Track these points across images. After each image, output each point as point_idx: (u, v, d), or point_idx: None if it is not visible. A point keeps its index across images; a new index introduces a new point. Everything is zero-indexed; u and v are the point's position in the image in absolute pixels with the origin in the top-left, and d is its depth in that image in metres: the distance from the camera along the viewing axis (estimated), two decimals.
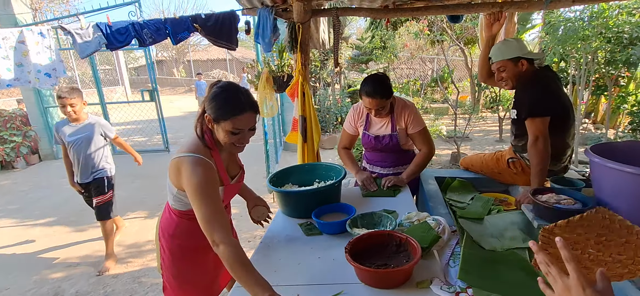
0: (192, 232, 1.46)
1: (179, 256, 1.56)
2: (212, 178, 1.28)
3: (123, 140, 3.12)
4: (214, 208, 1.22)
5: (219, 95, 1.30)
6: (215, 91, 1.31)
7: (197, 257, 1.58)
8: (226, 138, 1.32)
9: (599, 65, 4.91)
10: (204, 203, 1.22)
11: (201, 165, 1.27)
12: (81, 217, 4.14)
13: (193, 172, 1.25)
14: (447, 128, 6.70)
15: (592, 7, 4.45)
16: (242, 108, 1.29)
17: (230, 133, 1.30)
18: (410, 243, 1.30)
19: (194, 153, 1.30)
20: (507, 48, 1.97)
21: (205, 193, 1.23)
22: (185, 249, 1.55)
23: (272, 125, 4.99)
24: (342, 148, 2.34)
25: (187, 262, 1.57)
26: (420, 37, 7.86)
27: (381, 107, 2.00)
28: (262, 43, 2.43)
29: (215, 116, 1.30)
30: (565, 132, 1.94)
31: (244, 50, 20.28)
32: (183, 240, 1.53)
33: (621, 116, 6.43)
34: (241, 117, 1.29)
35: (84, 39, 2.56)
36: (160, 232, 1.59)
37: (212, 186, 1.26)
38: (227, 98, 1.30)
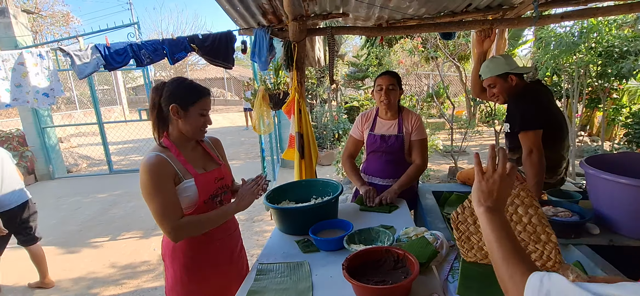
0: (194, 247, 1.47)
1: (184, 278, 1.49)
2: (158, 172, 1.30)
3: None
4: (163, 201, 1.28)
5: (180, 85, 1.37)
6: (174, 85, 1.37)
7: (203, 276, 1.52)
8: (197, 122, 1.38)
9: (591, 79, 4.98)
10: (150, 200, 1.29)
11: (148, 162, 1.30)
12: (76, 238, 4.09)
13: (141, 173, 1.29)
14: (443, 143, 6.72)
15: (582, 23, 4.55)
16: (205, 91, 1.40)
17: (200, 115, 1.38)
18: (408, 259, 1.28)
19: (149, 152, 1.34)
20: (495, 65, 2.01)
21: (151, 190, 1.28)
22: (190, 269, 1.48)
23: (269, 142, 5.00)
24: (347, 157, 2.34)
25: (193, 284, 1.50)
26: (415, 54, 7.97)
27: (392, 85, 2.13)
28: (258, 62, 2.46)
29: (184, 103, 1.35)
30: (559, 145, 1.95)
31: (242, 69, 20.45)
32: (186, 259, 1.47)
33: (616, 128, 6.49)
34: (206, 99, 1.40)
35: (82, 60, 2.58)
36: (162, 252, 1.56)
37: (159, 182, 1.29)
38: (189, 86, 1.38)
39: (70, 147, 9.49)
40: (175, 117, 1.36)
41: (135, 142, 8.89)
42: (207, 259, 1.51)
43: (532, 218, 0.94)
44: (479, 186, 0.83)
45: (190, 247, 1.47)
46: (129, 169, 7.34)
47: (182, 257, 1.47)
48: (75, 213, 4.96)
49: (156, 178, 1.29)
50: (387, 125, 2.22)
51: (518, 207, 0.97)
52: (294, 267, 1.46)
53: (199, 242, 1.46)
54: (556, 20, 2.62)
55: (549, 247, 0.90)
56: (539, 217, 0.94)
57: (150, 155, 1.32)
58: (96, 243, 3.90)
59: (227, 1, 2.17)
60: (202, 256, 1.50)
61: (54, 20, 15.01)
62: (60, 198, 5.68)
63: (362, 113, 2.35)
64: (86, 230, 4.31)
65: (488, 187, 0.81)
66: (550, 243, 0.90)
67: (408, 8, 2.36)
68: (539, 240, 0.91)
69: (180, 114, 1.36)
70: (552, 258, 0.88)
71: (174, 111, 1.35)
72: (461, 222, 1.00)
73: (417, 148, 2.18)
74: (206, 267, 1.52)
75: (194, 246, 1.47)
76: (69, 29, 14.89)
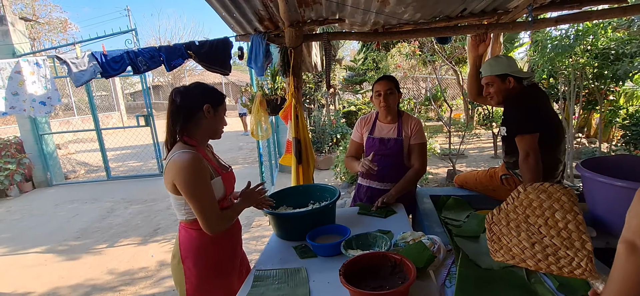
0: (214, 239, 1.50)
1: (209, 273, 1.53)
2: (201, 168, 1.36)
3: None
4: (208, 195, 1.37)
5: (208, 88, 1.49)
6: (202, 87, 1.48)
7: (224, 270, 1.59)
8: (222, 122, 1.51)
9: (588, 81, 5.01)
10: (197, 197, 1.34)
11: (189, 159, 1.34)
12: (75, 245, 4.07)
13: (183, 170, 1.33)
14: (441, 147, 6.74)
15: (577, 25, 4.58)
16: (224, 96, 1.54)
17: (223, 115, 1.51)
18: (406, 264, 1.28)
19: (180, 150, 1.39)
20: (497, 64, 2.02)
21: (197, 185, 1.34)
22: (213, 261, 1.54)
23: (267, 147, 5.00)
24: (348, 156, 2.36)
25: (218, 279, 1.56)
26: (412, 58, 8.00)
27: (390, 89, 2.13)
28: (254, 67, 2.47)
29: (216, 103, 1.47)
30: (556, 148, 1.96)
31: (240, 74, 20.52)
32: (208, 251, 1.52)
33: (614, 130, 6.51)
34: (225, 103, 1.54)
35: (79, 68, 2.59)
36: (182, 255, 1.52)
37: (202, 177, 1.36)
38: (215, 89, 1.50)
39: (68, 154, 9.46)
40: (207, 116, 1.45)
41: (133, 148, 8.88)
42: (225, 255, 1.59)
43: (569, 224, 0.90)
44: (634, 206, 0.59)
45: (213, 244, 1.52)
46: (126, 175, 7.33)
47: (205, 255, 1.52)
48: (73, 219, 4.94)
49: (199, 174, 1.35)
50: (387, 128, 2.22)
51: (556, 211, 0.93)
52: (291, 273, 1.45)
53: (219, 239, 1.53)
54: (551, 24, 2.64)
55: (581, 255, 0.86)
56: (577, 223, 0.90)
57: (187, 153, 1.36)
58: (94, 250, 3.88)
59: (224, 8, 2.18)
60: (222, 252, 1.57)
61: (51, 27, 15.04)
62: (58, 205, 5.66)
63: (362, 116, 2.36)
64: (84, 236, 4.29)
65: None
66: (583, 250, 0.87)
67: (404, 13, 2.37)
68: (571, 247, 0.87)
69: (211, 113, 1.45)
70: (583, 266, 0.85)
71: (207, 110, 1.44)
72: (495, 223, 1.00)
73: (417, 152, 2.18)
74: (226, 262, 1.59)
75: (216, 242, 1.53)
76: (66, 35, 14.92)
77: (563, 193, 0.94)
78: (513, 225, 0.97)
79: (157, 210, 5.05)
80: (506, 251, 0.94)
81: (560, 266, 0.88)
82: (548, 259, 0.90)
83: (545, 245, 0.92)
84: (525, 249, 0.92)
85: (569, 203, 0.93)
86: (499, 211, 1.00)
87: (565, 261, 0.88)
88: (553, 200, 0.94)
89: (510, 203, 1.01)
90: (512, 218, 0.98)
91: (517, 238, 0.95)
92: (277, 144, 6.56)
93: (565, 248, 0.89)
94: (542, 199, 0.96)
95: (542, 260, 0.90)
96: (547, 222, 0.93)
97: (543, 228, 0.94)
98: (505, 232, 0.96)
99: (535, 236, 0.94)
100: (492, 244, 0.97)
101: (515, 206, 0.99)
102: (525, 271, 1.42)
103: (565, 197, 0.93)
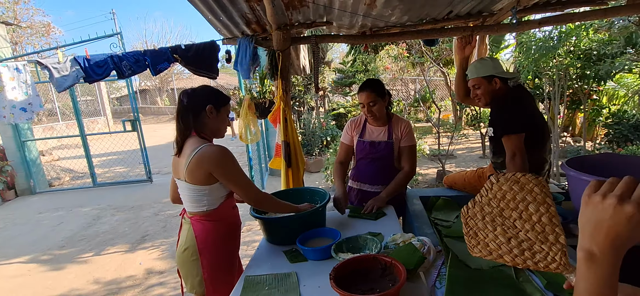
0: (227, 232, 1.67)
1: (223, 262, 1.66)
2: (232, 154, 1.55)
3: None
4: (244, 174, 1.57)
5: (213, 90, 1.61)
6: (208, 89, 1.60)
7: (235, 259, 1.76)
8: (225, 122, 1.64)
9: (572, 81, 5.12)
10: (238, 174, 1.54)
11: (223, 149, 1.52)
12: (59, 254, 3.96)
13: (221, 156, 1.51)
14: (430, 148, 6.80)
15: (560, 27, 4.68)
16: (228, 98, 1.67)
17: (227, 116, 1.63)
18: (396, 266, 1.28)
19: (205, 143, 1.54)
20: (483, 66, 2.05)
21: (235, 165, 1.54)
22: (227, 251, 1.69)
23: (257, 151, 4.97)
24: (338, 162, 2.33)
25: (230, 268, 1.70)
26: (400, 60, 8.06)
27: (372, 101, 2.09)
28: (240, 70, 2.46)
29: (219, 104, 1.59)
30: (541, 147, 1.99)
31: (229, 77, 20.37)
32: (223, 242, 1.66)
33: (597, 128, 6.67)
34: (229, 104, 1.66)
35: (61, 73, 2.52)
36: (199, 247, 1.61)
37: (235, 159, 1.56)
38: (218, 90, 1.63)
39: (52, 161, 9.25)
40: (210, 116, 1.57)
41: (120, 154, 8.72)
42: (234, 248, 1.75)
43: (542, 217, 0.89)
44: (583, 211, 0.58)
45: (227, 237, 1.67)
46: (113, 181, 7.19)
47: (221, 246, 1.65)
48: (57, 228, 4.82)
49: (234, 159, 1.55)
50: (377, 131, 2.22)
51: (529, 203, 0.91)
52: (281, 278, 1.44)
53: (232, 231, 1.72)
54: (534, 26, 2.69)
55: (556, 249, 0.85)
56: (550, 216, 0.88)
57: (216, 145, 1.54)
58: (80, 259, 3.79)
59: (210, 11, 2.16)
60: (233, 245, 1.74)
61: (34, 31, 14.70)
62: (42, 214, 5.51)
63: (352, 119, 2.34)
64: (69, 245, 4.19)
65: (596, 215, 0.54)
66: (557, 244, 0.86)
67: (391, 16, 2.38)
68: (546, 241, 0.86)
69: (213, 114, 1.58)
70: (557, 261, 0.84)
71: (210, 110, 1.57)
72: (470, 216, 0.97)
73: (406, 154, 2.18)
74: (233, 257, 1.74)
75: (229, 235, 1.69)
76: (49, 39, 14.61)
77: (535, 183, 0.91)
78: (488, 219, 0.95)
79: (145, 217, 4.96)
80: (483, 246, 0.93)
81: (536, 261, 0.88)
82: (524, 254, 0.89)
83: (521, 239, 0.90)
84: (501, 244, 0.91)
85: (541, 195, 0.90)
86: (474, 204, 0.98)
87: (540, 255, 0.87)
88: (526, 191, 0.92)
89: (484, 196, 0.98)
90: (487, 212, 0.96)
91: (493, 232, 0.93)
92: (267, 147, 6.53)
93: (539, 242, 0.88)
94: (515, 191, 0.93)
95: (518, 255, 0.89)
96: (521, 215, 0.91)
97: (518, 222, 0.92)
98: (481, 227, 0.95)
99: (510, 231, 0.92)
100: (469, 239, 0.95)
101: (490, 199, 0.97)
102: (514, 271, 1.43)
103: (537, 188, 0.91)
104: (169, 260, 3.60)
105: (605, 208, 0.53)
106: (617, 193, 0.53)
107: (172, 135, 1.65)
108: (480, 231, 0.95)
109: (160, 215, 4.98)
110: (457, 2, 2.28)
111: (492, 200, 0.96)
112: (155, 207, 5.35)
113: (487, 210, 0.97)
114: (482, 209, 0.96)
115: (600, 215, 0.54)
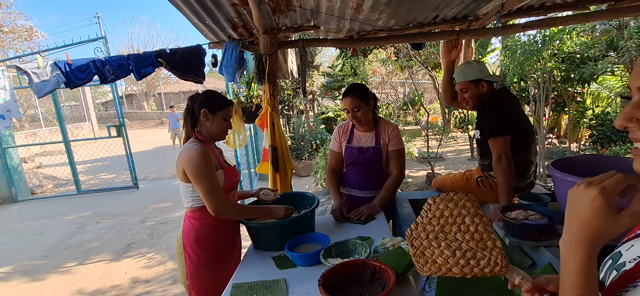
0: (213, 230, 1.72)
1: (206, 259, 1.72)
2: (207, 157, 1.59)
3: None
4: (212, 180, 1.58)
5: (210, 95, 1.72)
6: (206, 95, 1.71)
7: (222, 257, 1.78)
8: (221, 124, 1.71)
9: (556, 84, 5.23)
10: (203, 179, 1.56)
11: (196, 147, 1.59)
12: (42, 264, 3.84)
13: (193, 157, 1.57)
14: (419, 151, 6.85)
15: (544, 31, 4.78)
16: (228, 102, 1.75)
17: (224, 119, 1.71)
18: (385, 271, 1.27)
19: (190, 143, 1.65)
20: (469, 70, 2.06)
21: (203, 170, 1.56)
22: (211, 249, 1.73)
23: (246, 156, 4.92)
24: (330, 170, 2.31)
25: (214, 265, 1.74)
26: (388, 64, 8.12)
27: (356, 107, 2.07)
28: (225, 74, 2.43)
29: (213, 108, 1.68)
30: (527, 149, 2.01)
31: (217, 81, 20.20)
32: (206, 240, 1.71)
33: (582, 130, 6.82)
34: (229, 108, 1.74)
35: (41, 78, 2.45)
36: (183, 242, 1.74)
37: (208, 164, 1.59)
38: (218, 96, 1.74)
39: (35, 168, 9.01)
40: (204, 119, 1.68)
41: (105, 160, 8.55)
42: (223, 244, 1.78)
43: (478, 227, 0.98)
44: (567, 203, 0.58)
45: (211, 234, 1.72)
46: (98, 188, 7.04)
47: (203, 244, 1.71)
48: (39, 237, 4.68)
49: (206, 161, 1.58)
50: (365, 137, 2.20)
51: (465, 216, 1.00)
52: (269, 285, 1.41)
53: (215, 224, 1.72)
54: (518, 29, 2.73)
55: (495, 253, 0.93)
56: (484, 225, 0.97)
57: (196, 144, 1.62)
58: (63, 269, 3.68)
59: (196, 15, 2.13)
60: (219, 242, 1.76)
61: (16, 36, 14.33)
62: (24, 222, 5.35)
63: (339, 125, 2.32)
64: (52, 255, 4.06)
65: (569, 202, 0.56)
66: (495, 249, 0.94)
67: (378, 20, 2.39)
68: (485, 247, 0.95)
69: (208, 117, 1.68)
70: (499, 263, 0.92)
71: (204, 114, 1.68)
72: (415, 237, 1.03)
73: (395, 159, 2.17)
74: (223, 251, 1.78)
75: (213, 233, 1.72)
76: (32, 44, 14.24)
77: (466, 200, 1.01)
78: (432, 236, 1.02)
79: (131, 224, 4.85)
80: (432, 263, 0.98)
81: (481, 267, 0.93)
82: (470, 263, 0.94)
83: (464, 250, 0.96)
84: (448, 258, 0.97)
85: (473, 208, 1.00)
86: (417, 226, 1.05)
87: (484, 261, 0.94)
88: (460, 207, 1.01)
89: (424, 216, 1.05)
90: (429, 230, 1.03)
91: (439, 248, 0.99)
92: (256, 152, 6.48)
93: (481, 249, 0.95)
94: (451, 208, 1.02)
95: (465, 266, 0.94)
96: (460, 228, 0.99)
97: (459, 235, 0.99)
98: (426, 245, 1.01)
99: (454, 244, 0.98)
100: (417, 259, 1.01)
101: (430, 218, 1.04)
102: None
103: (469, 203, 1.01)
104: (156, 268, 3.52)
105: (577, 193, 0.55)
106: (590, 179, 0.54)
107: (158, 140, 1.65)
108: (426, 250, 1.01)
109: (147, 222, 4.88)
110: (443, 7, 2.30)
111: (433, 219, 1.04)
112: (142, 213, 5.25)
113: (429, 229, 1.03)
114: (425, 228, 1.03)
115: (572, 201, 0.56)
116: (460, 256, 0.96)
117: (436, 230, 1.02)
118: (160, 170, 8.36)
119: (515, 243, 1.47)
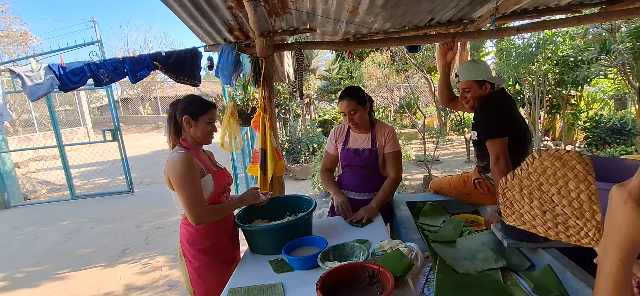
0: (209, 232, 1.69)
1: (207, 261, 1.70)
2: (190, 165, 1.55)
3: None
4: (195, 189, 1.54)
5: (191, 100, 1.67)
6: (186, 101, 1.67)
7: (222, 257, 1.76)
8: (205, 128, 1.67)
9: (551, 87, 5.27)
10: (184, 188, 1.53)
11: (180, 156, 1.55)
12: (34, 271, 3.79)
13: (175, 165, 1.54)
14: (415, 154, 6.86)
15: (539, 34, 4.82)
16: (210, 105, 1.70)
17: (207, 123, 1.67)
18: (384, 274, 1.26)
19: (174, 151, 1.62)
20: (475, 69, 2.03)
21: (184, 179, 1.52)
22: (209, 251, 1.70)
23: (242, 159, 4.89)
24: (324, 170, 2.32)
25: (216, 266, 1.73)
26: (385, 67, 8.14)
27: (353, 109, 2.07)
28: (221, 76, 2.42)
29: (195, 113, 1.64)
30: (523, 151, 2.01)
31: (213, 85, 20.16)
32: (203, 243, 1.69)
33: (576, 132, 6.87)
34: (212, 111, 1.69)
35: (34, 81, 2.43)
36: (182, 248, 1.74)
37: (190, 173, 1.54)
38: (200, 100, 1.70)
39: (29, 173, 8.91)
40: (187, 126, 1.65)
41: (100, 165, 8.47)
42: (222, 245, 1.76)
43: (581, 194, 0.89)
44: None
45: (206, 238, 1.69)
46: (92, 193, 6.97)
47: (201, 247, 1.70)
48: (32, 244, 4.61)
49: (188, 170, 1.54)
50: (361, 139, 2.20)
51: (569, 180, 0.91)
52: (266, 289, 1.40)
53: (211, 232, 1.70)
54: (513, 32, 2.74)
55: (590, 225, 0.87)
56: (590, 193, 0.88)
57: (179, 152, 1.58)
58: (56, 276, 3.63)
59: (191, 18, 2.12)
60: (217, 243, 1.73)
61: (11, 40, 14.21)
62: (16, 229, 5.28)
63: (335, 127, 2.32)
64: (45, 261, 4.01)
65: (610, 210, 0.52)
66: (592, 221, 0.87)
67: (373, 23, 2.39)
68: (581, 216, 0.88)
69: (191, 123, 1.65)
70: (590, 236, 0.86)
71: (186, 121, 1.64)
72: (508, 188, 0.99)
73: (391, 161, 2.16)
74: (223, 251, 1.76)
75: (208, 236, 1.70)
76: (27, 48, 14.12)
77: (578, 161, 0.91)
78: (526, 191, 0.97)
79: (126, 229, 4.80)
80: (518, 216, 0.95)
81: (568, 234, 0.89)
82: (557, 227, 0.91)
83: (557, 213, 0.92)
84: (536, 216, 0.94)
85: (584, 172, 0.90)
86: (513, 176, 1.00)
87: (574, 230, 0.89)
88: (567, 168, 0.92)
89: (524, 169, 0.99)
90: (525, 185, 0.98)
91: (529, 204, 0.96)
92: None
93: (575, 218, 0.89)
94: (556, 167, 0.94)
95: (551, 228, 0.91)
96: (560, 190, 0.92)
97: (555, 197, 0.93)
98: (518, 198, 0.97)
99: (547, 205, 0.94)
100: (505, 209, 0.97)
101: (529, 173, 0.98)
102: (501, 274, 1.43)
103: (580, 165, 0.91)
104: (151, 274, 3.48)
105: (612, 194, 0.52)
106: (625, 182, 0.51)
107: (155, 144, 1.63)
108: (516, 202, 0.98)
109: (142, 227, 4.84)
110: (438, 10, 2.30)
111: (532, 174, 0.98)
112: (137, 218, 5.20)
113: (525, 183, 0.99)
114: (521, 182, 0.98)
115: (609, 203, 0.53)
116: (550, 219, 0.91)
117: (532, 187, 0.96)
118: (156, 174, 8.30)
119: (513, 245, 1.46)
